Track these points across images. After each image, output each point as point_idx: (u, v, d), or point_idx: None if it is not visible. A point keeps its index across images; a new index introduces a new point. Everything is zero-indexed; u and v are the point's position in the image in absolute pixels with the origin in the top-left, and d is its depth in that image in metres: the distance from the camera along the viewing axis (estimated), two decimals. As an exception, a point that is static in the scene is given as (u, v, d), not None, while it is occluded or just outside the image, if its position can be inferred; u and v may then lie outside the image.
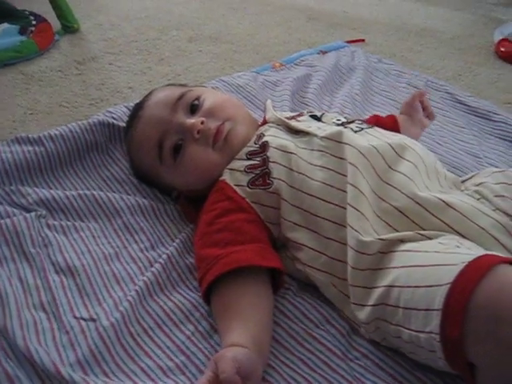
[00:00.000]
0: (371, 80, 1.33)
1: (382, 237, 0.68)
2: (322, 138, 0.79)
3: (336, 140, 0.77)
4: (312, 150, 0.79)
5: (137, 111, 0.92)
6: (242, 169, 0.81)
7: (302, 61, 1.38)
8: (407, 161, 0.75)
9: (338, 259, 0.72)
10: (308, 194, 0.75)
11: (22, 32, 1.43)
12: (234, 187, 0.80)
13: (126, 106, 1.07)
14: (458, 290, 0.55)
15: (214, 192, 0.82)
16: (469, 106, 1.25)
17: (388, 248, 0.67)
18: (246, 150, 0.83)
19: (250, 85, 1.23)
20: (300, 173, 0.77)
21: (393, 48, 1.58)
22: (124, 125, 1.02)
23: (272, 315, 0.72)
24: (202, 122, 0.84)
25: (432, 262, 0.61)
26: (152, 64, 1.41)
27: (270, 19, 1.73)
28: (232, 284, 0.70)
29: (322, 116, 0.89)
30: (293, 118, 0.88)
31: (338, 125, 0.84)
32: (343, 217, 0.71)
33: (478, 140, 1.14)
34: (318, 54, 1.43)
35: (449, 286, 0.56)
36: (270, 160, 0.79)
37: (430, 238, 0.67)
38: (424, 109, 1.05)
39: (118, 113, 1.05)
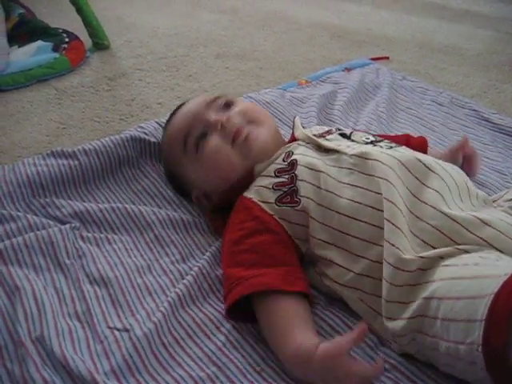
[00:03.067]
0: (396, 97, 1.34)
1: (422, 254, 0.68)
2: (351, 155, 0.80)
3: (365, 157, 0.78)
4: (340, 167, 0.80)
5: (176, 109, 0.98)
6: (270, 186, 0.82)
7: (328, 78, 1.40)
8: (438, 177, 0.76)
9: (367, 275, 0.72)
10: (337, 212, 0.76)
11: (55, 49, 1.47)
12: (261, 204, 0.81)
13: (156, 122, 1.10)
14: (503, 299, 0.56)
15: (241, 211, 0.83)
16: (494, 123, 1.26)
17: (428, 265, 0.67)
18: (273, 167, 0.84)
19: (277, 101, 1.26)
20: (328, 191, 0.78)
21: (417, 65, 1.59)
22: (155, 140, 1.05)
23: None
24: (228, 119, 0.88)
25: (473, 275, 0.62)
26: (180, 80, 1.44)
27: (294, 37, 1.76)
28: (266, 301, 0.72)
29: (351, 134, 0.89)
30: (322, 135, 0.89)
31: (368, 143, 0.85)
32: (373, 234, 0.72)
33: (503, 157, 1.14)
34: (343, 71, 1.45)
35: (493, 296, 0.56)
36: (299, 178, 0.80)
37: (468, 253, 0.67)
38: (465, 158, 1.04)
39: (149, 128, 1.08)
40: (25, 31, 1.54)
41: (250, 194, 0.83)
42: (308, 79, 1.40)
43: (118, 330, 0.74)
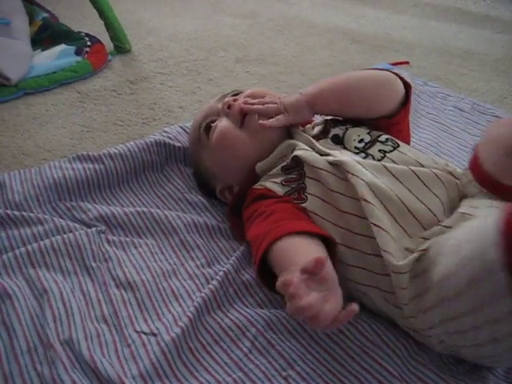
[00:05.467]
0: (417, 103, 1.34)
1: (410, 257, 0.69)
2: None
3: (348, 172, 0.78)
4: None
5: None
6: (279, 181, 0.84)
7: (348, 83, 1.40)
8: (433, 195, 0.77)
9: (382, 273, 0.72)
10: (342, 211, 0.76)
11: (77, 52, 1.48)
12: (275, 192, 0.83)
13: (180, 126, 1.11)
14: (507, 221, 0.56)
15: (257, 199, 0.84)
16: (516, 129, 1.25)
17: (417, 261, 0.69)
18: (278, 163, 0.86)
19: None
20: (331, 189, 0.78)
21: (437, 70, 1.59)
22: (179, 145, 1.06)
23: None
24: (235, 100, 0.91)
25: (463, 233, 0.65)
26: (201, 84, 1.45)
27: (314, 41, 1.76)
28: (287, 240, 0.72)
29: (344, 135, 0.88)
30: (318, 139, 0.89)
31: (360, 150, 0.84)
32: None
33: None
34: (364, 76, 1.45)
35: (500, 220, 0.56)
36: (307, 175, 0.81)
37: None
38: None
39: (174, 132, 1.09)
40: (48, 35, 1.55)
41: (260, 186, 0.85)
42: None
43: (145, 333, 0.75)
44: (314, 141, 0.87)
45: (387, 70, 0.93)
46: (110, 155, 1.02)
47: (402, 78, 0.90)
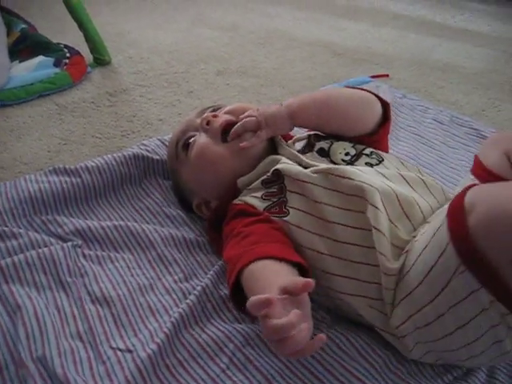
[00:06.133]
0: (397, 115, 1.35)
1: (401, 257, 0.70)
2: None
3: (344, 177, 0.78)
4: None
5: None
6: (260, 196, 0.83)
7: (329, 96, 1.41)
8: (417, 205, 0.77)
9: (371, 281, 0.72)
10: (329, 221, 0.76)
11: (56, 64, 1.47)
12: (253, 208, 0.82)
13: (159, 139, 1.10)
14: (453, 218, 0.62)
15: (234, 211, 0.83)
16: (494, 142, 1.26)
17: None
18: (259, 178, 0.85)
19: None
20: (316, 201, 0.77)
21: (416, 83, 1.60)
22: (157, 158, 1.05)
23: None
24: (214, 116, 0.90)
25: (427, 226, 0.69)
26: (181, 97, 1.45)
27: (295, 54, 1.77)
28: (261, 265, 0.70)
29: (330, 149, 0.88)
30: (303, 153, 0.88)
31: (347, 163, 0.84)
32: (369, 239, 0.72)
33: (503, 176, 1.15)
34: (344, 88, 1.46)
35: (445, 222, 0.62)
36: (288, 189, 0.81)
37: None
38: None
39: (152, 145, 1.08)
40: (26, 46, 1.54)
41: (240, 201, 0.84)
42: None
43: (121, 350, 0.73)
44: (299, 154, 0.86)
45: (366, 90, 0.94)
46: (87, 168, 1.00)
47: (380, 98, 0.92)
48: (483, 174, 0.82)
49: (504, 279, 0.58)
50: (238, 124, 0.88)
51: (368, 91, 0.94)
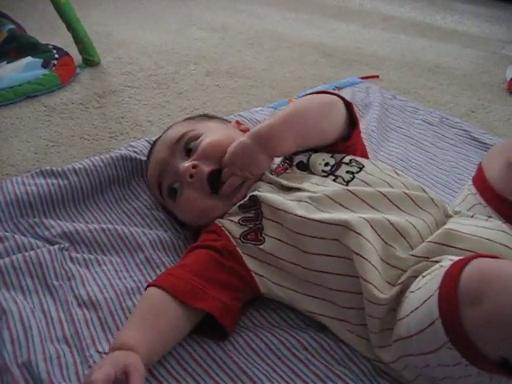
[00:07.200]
0: (387, 117, 1.35)
1: (395, 288, 0.68)
2: (314, 192, 0.78)
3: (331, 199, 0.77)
4: (299, 201, 0.78)
5: (151, 148, 0.98)
6: (237, 220, 0.81)
7: (318, 97, 1.40)
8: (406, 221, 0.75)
9: (349, 307, 0.72)
10: (306, 252, 0.75)
11: (44, 65, 1.46)
12: (229, 236, 0.80)
13: (147, 141, 1.09)
14: (446, 289, 0.58)
15: (209, 231, 0.83)
16: (483, 142, 1.27)
17: (400, 290, 0.68)
18: (238, 203, 0.83)
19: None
20: (291, 230, 0.76)
21: (406, 84, 1.60)
22: (145, 159, 1.05)
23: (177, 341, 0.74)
24: (194, 166, 0.85)
25: (426, 281, 0.63)
26: (170, 98, 1.44)
27: (285, 55, 1.76)
28: (165, 298, 0.73)
29: (308, 161, 0.86)
30: (283, 169, 0.87)
31: (328, 173, 0.83)
32: (347, 267, 0.71)
33: (492, 177, 1.15)
34: (334, 89, 1.45)
35: (437, 290, 0.58)
36: (264, 216, 0.79)
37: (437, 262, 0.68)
38: None
39: (140, 147, 1.07)
40: (14, 47, 1.52)
41: (220, 223, 0.83)
42: (299, 98, 1.40)
43: (107, 354, 0.72)
44: (277, 179, 0.84)
45: (326, 92, 0.92)
46: (75, 170, 0.99)
47: (341, 97, 0.88)
48: (482, 186, 0.82)
49: (494, 359, 0.56)
50: (225, 187, 0.85)
51: (328, 92, 0.92)
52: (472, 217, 0.78)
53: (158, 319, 0.71)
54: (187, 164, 0.86)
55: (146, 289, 0.76)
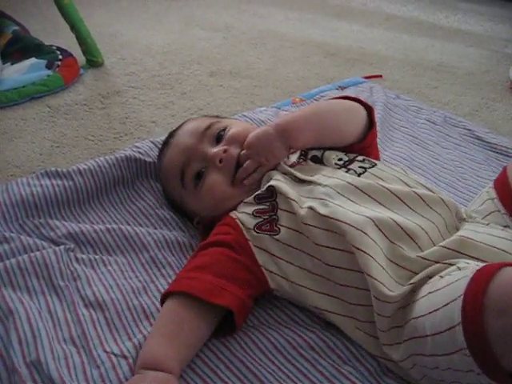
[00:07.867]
0: (390, 116, 1.35)
1: (399, 292, 0.68)
2: (324, 185, 0.80)
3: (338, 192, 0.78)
4: (314, 198, 0.79)
5: (168, 139, 0.97)
6: (251, 212, 0.82)
7: (322, 96, 1.41)
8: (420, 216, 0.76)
9: (357, 303, 0.72)
10: (316, 244, 0.75)
11: (48, 66, 1.46)
12: (242, 227, 0.81)
13: (151, 141, 1.10)
14: (472, 295, 0.57)
15: (222, 225, 0.83)
16: (487, 141, 1.27)
17: (412, 290, 0.68)
18: (254, 194, 0.84)
19: (271, 120, 1.25)
20: (304, 223, 0.76)
21: (409, 84, 1.60)
22: (150, 160, 1.05)
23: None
24: (225, 151, 0.87)
25: (447, 282, 0.63)
26: (174, 98, 1.44)
27: (288, 55, 1.76)
28: (185, 303, 0.73)
29: (322, 156, 0.89)
30: (298, 163, 0.88)
31: (340, 166, 0.85)
32: (355, 262, 0.71)
33: (496, 176, 1.15)
34: (337, 89, 1.46)
35: (462, 296, 0.57)
36: (279, 207, 0.80)
37: (452, 265, 0.67)
38: None
39: (145, 148, 1.07)
40: (18, 48, 1.53)
41: (234, 214, 0.84)
42: (302, 97, 1.40)
43: (115, 354, 0.73)
44: (292, 171, 0.85)
45: (350, 98, 0.93)
46: (80, 171, 1.00)
47: (363, 103, 0.91)
48: (502, 189, 0.81)
49: (508, 371, 0.55)
50: (240, 170, 0.86)
51: (352, 98, 0.93)
52: (488, 225, 0.77)
53: (181, 327, 0.72)
54: (217, 149, 0.87)
55: (164, 294, 0.76)
